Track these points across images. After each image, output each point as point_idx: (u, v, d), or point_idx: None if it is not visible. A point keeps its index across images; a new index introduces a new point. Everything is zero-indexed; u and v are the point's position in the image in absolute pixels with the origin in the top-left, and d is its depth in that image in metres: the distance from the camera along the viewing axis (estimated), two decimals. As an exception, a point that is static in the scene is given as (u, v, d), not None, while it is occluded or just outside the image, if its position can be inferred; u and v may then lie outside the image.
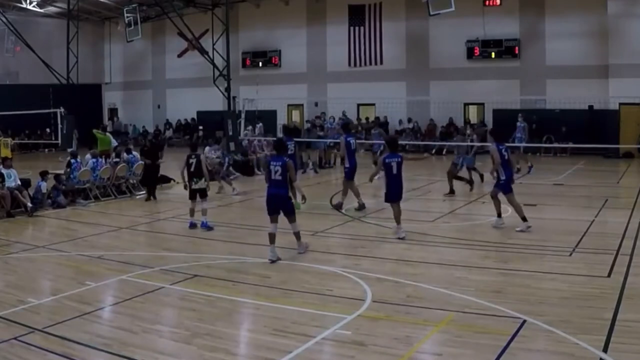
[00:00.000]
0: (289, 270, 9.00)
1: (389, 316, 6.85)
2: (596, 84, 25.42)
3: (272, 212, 9.58)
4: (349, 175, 13.74)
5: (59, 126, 26.34)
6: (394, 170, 10.83)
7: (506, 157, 11.50)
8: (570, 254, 9.50)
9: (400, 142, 16.47)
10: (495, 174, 11.56)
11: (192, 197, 12.18)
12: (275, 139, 15.42)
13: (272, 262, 9.24)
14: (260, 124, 25.91)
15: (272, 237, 9.37)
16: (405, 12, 30.12)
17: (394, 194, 10.97)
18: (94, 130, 20.71)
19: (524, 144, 19.39)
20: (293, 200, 10.53)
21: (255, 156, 21.77)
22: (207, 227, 11.84)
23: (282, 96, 29.28)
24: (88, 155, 17.00)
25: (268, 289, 7.99)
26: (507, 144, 12.07)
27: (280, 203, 9.60)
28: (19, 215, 13.59)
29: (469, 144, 16.69)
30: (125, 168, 16.80)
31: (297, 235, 9.85)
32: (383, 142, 16.21)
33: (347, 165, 13.85)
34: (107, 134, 21.65)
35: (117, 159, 17.20)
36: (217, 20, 30.87)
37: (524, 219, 11.15)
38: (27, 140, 31.28)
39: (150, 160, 16.37)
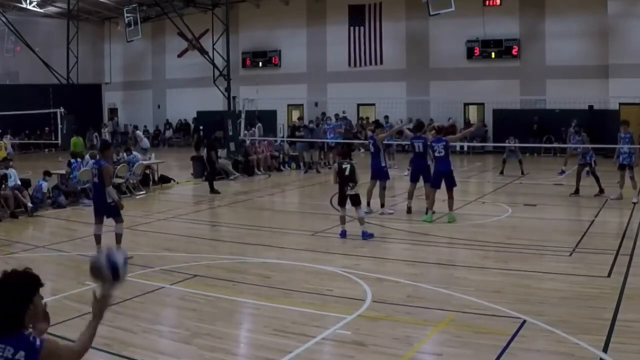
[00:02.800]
0: (289, 270, 9.00)
1: (389, 316, 6.85)
2: (596, 84, 25.41)
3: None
4: None
5: (59, 126, 26.34)
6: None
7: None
8: (570, 254, 9.50)
9: (400, 142, 16.65)
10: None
11: (343, 203, 11.10)
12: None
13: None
14: (259, 125, 25.90)
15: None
16: (405, 12, 30.11)
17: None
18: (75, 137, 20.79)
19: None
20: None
21: (257, 156, 21.79)
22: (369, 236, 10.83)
23: (282, 96, 29.26)
24: (87, 156, 17.01)
25: (268, 289, 7.99)
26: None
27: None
28: (19, 215, 13.58)
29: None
30: (125, 168, 16.81)
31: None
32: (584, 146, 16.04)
33: None
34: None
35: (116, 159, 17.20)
36: (217, 20, 30.84)
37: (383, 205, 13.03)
38: (27, 141, 31.29)
39: None
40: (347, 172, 10.88)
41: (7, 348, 2.89)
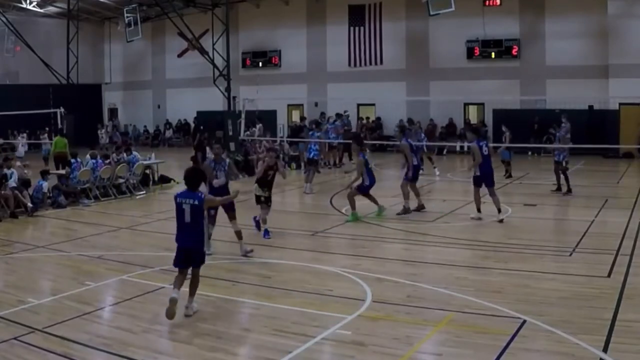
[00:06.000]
0: (289, 270, 9.01)
1: (389, 316, 6.85)
2: (596, 84, 25.41)
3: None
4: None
5: (59, 126, 26.32)
6: None
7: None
8: (570, 254, 9.50)
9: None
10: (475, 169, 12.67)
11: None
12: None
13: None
14: (260, 125, 25.91)
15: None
16: (405, 12, 30.11)
17: None
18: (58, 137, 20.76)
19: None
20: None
21: (257, 156, 21.78)
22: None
23: (282, 96, 29.27)
24: (88, 156, 17.02)
25: (268, 289, 7.99)
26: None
27: None
28: (19, 215, 13.58)
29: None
30: (125, 168, 16.81)
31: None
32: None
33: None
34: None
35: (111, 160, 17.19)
36: (217, 20, 30.87)
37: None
38: (27, 140, 31.27)
39: None
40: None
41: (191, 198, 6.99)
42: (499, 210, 12.30)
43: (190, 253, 7.09)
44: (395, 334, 6.30)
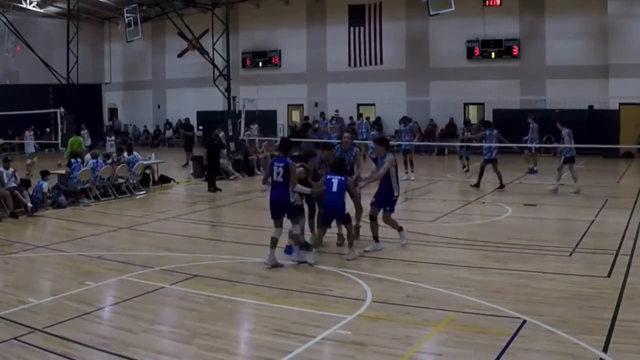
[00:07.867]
0: (289, 270, 9.00)
1: (389, 316, 6.85)
2: (596, 84, 25.41)
3: None
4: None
5: (59, 126, 26.32)
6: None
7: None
8: (570, 254, 9.50)
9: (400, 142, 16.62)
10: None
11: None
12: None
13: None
14: (256, 125, 25.91)
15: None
16: (405, 12, 30.11)
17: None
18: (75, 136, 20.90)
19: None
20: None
21: (257, 156, 21.79)
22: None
23: (282, 96, 29.27)
24: (88, 156, 17.02)
25: (268, 289, 7.99)
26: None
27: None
28: (19, 215, 13.57)
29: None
30: (125, 168, 16.81)
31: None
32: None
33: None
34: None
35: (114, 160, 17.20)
36: (217, 20, 30.82)
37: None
38: (27, 141, 31.25)
39: None
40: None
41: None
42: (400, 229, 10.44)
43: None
44: (395, 334, 6.30)
